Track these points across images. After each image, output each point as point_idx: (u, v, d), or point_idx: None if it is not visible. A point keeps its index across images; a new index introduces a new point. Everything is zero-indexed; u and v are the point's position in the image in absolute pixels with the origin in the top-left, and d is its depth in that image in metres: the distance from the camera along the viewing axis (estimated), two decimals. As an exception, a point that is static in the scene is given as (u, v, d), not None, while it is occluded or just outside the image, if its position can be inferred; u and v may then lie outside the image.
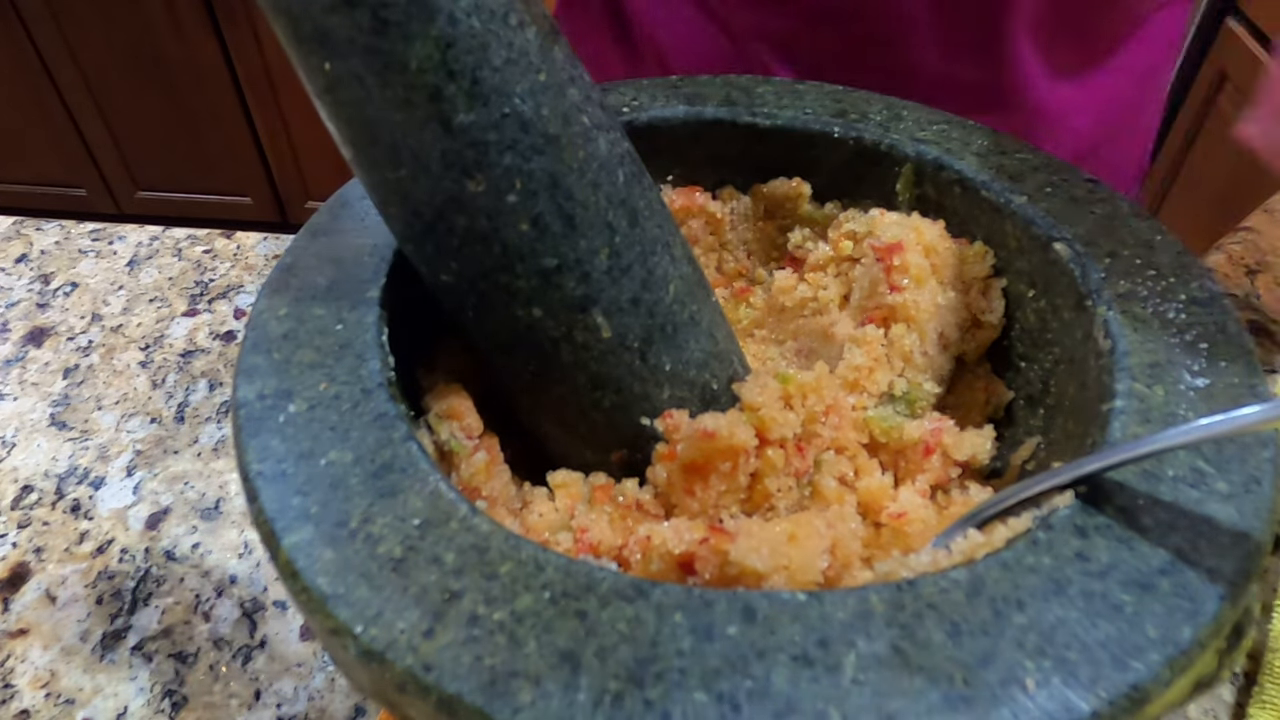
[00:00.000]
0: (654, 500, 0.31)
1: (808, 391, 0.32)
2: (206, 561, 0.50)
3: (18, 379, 0.60)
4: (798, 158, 0.39)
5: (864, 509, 0.32)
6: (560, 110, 0.27)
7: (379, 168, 0.28)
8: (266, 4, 0.25)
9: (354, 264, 0.31)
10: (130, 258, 0.69)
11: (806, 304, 0.38)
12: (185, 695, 0.44)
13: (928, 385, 0.34)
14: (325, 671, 0.45)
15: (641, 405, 0.32)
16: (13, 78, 1.88)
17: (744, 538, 0.26)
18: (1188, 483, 0.24)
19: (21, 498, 0.53)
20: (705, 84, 0.40)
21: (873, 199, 0.38)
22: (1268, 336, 0.60)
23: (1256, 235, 0.68)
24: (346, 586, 0.22)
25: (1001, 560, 0.23)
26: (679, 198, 0.40)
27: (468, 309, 0.30)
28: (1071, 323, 0.32)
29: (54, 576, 0.49)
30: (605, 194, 0.29)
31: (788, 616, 0.21)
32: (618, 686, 0.20)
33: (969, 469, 0.33)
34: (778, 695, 0.20)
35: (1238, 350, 0.28)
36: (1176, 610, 0.21)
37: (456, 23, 0.25)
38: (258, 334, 0.29)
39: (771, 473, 0.31)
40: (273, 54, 1.80)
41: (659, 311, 0.31)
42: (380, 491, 0.25)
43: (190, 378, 0.60)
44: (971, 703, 0.20)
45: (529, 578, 0.22)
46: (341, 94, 0.26)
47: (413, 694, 0.21)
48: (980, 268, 0.35)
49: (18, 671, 0.45)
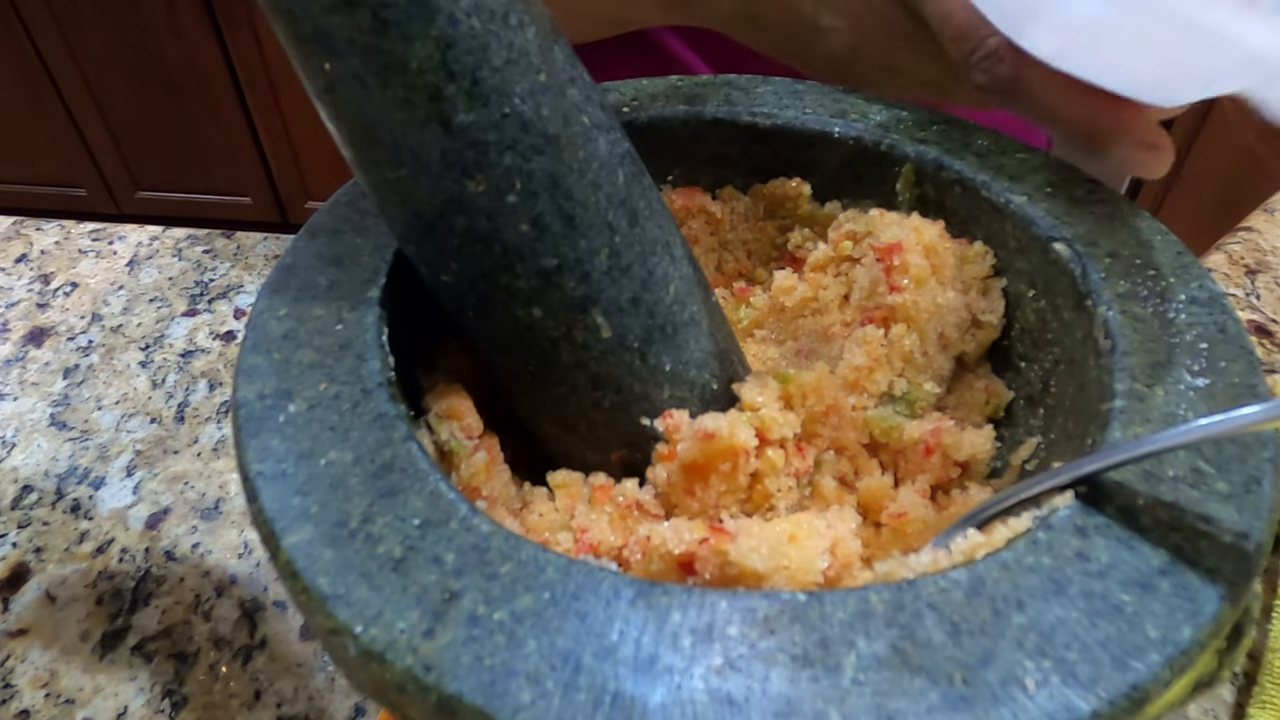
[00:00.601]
0: (654, 500, 0.31)
1: (808, 391, 0.32)
2: (206, 561, 0.50)
3: (18, 379, 0.60)
4: (798, 158, 0.39)
5: (864, 509, 0.32)
6: (560, 110, 0.27)
7: (379, 168, 0.28)
8: (266, 4, 0.25)
9: (354, 264, 0.31)
10: (130, 258, 0.69)
11: (806, 304, 0.38)
12: (185, 695, 0.44)
13: (928, 385, 0.34)
14: (325, 671, 0.45)
15: (641, 405, 0.32)
16: (13, 78, 1.88)
17: (744, 538, 0.26)
18: (1188, 483, 0.24)
19: (21, 498, 0.53)
20: (705, 84, 0.40)
21: (873, 199, 0.38)
22: (1268, 336, 0.60)
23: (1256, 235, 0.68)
24: (346, 586, 0.22)
25: (1001, 560, 0.23)
26: (679, 198, 0.40)
27: (468, 309, 0.30)
28: (1071, 323, 0.32)
29: (54, 576, 0.49)
30: (605, 194, 0.29)
31: (788, 616, 0.21)
32: (618, 687, 0.20)
33: (969, 469, 0.33)
34: (778, 695, 0.20)
35: (1238, 350, 0.28)
36: (1176, 610, 0.21)
37: (456, 23, 0.25)
38: (258, 334, 0.29)
39: (771, 473, 0.31)
40: (273, 54, 1.80)
41: (659, 311, 0.31)
42: (380, 491, 0.25)
43: (190, 378, 0.60)
44: (971, 703, 0.20)
45: (529, 578, 0.22)
46: (341, 94, 0.26)
47: (413, 694, 0.21)
48: (980, 268, 0.35)
49: (18, 671, 0.45)
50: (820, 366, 0.33)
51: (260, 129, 1.94)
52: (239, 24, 1.76)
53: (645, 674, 0.20)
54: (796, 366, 0.37)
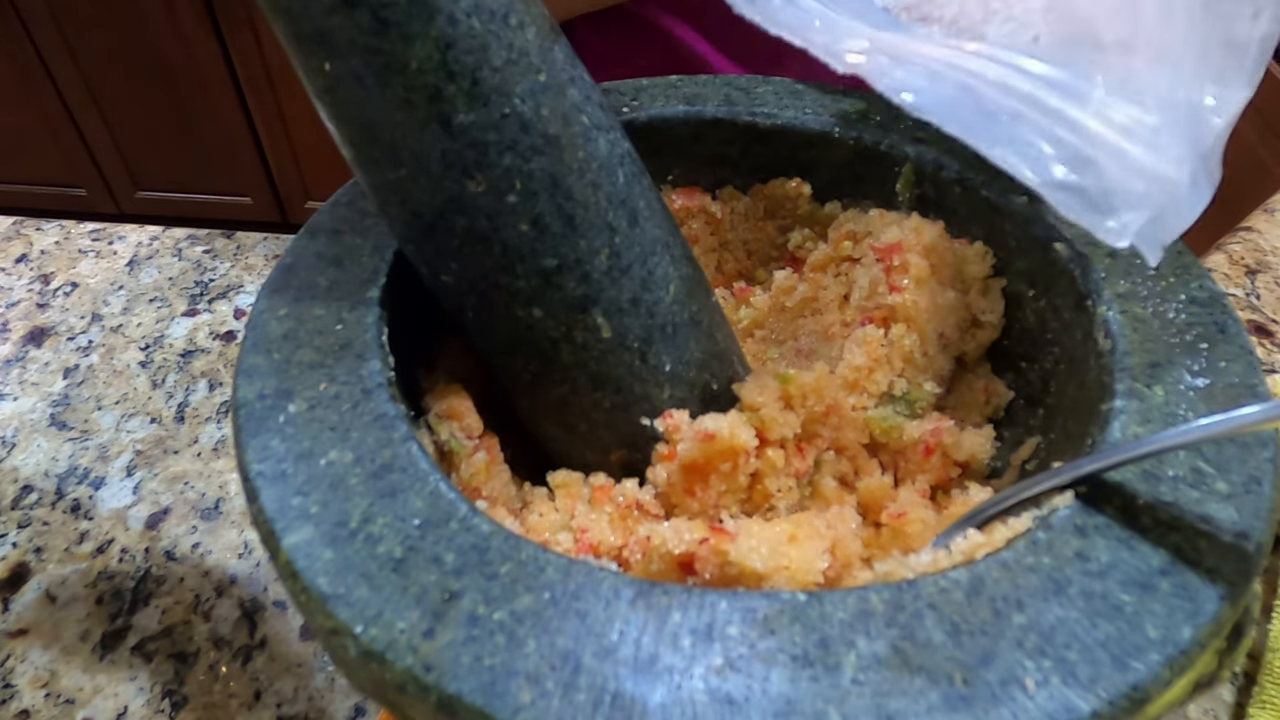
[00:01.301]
0: (654, 500, 0.31)
1: (808, 392, 0.32)
2: (206, 561, 0.50)
3: (18, 379, 0.60)
4: (798, 158, 0.39)
5: (864, 509, 0.32)
6: (560, 110, 0.27)
7: (379, 168, 0.28)
8: (266, 4, 0.25)
9: (354, 264, 0.31)
10: (130, 258, 0.69)
11: (807, 304, 0.38)
12: (185, 695, 0.44)
13: (928, 385, 0.34)
14: (325, 671, 0.45)
15: (641, 405, 0.32)
16: (13, 78, 1.88)
17: (744, 538, 0.26)
18: (1188, 483, 0.24)
19: (21, 498, 0.53)
20: (705, 84, 0.40)
21: (873, 199, 0.38)
22: (1268, 336, 0.60)
23: (1256, 235, 0.68)
24: (346, 586, 0.22)
25: (1001, 560, 0.23)
26: (679, 198, 0.40)
27: (468, 309, 0.30)
28: (1071, 323, 0.32)
29: (54, 576, 0.49)
30: (605, 194, 0.29)
31: (788, 616, 0.21)
32: (618, 687, 0.20)
33: (969, 469, 0.33)
34: (778, 695, 0.20)
35: (1238, 350, 0.28)
36: (1176, 610, 0.21)
37: (456, 23, 0.25)
38: (258, 334, 0.29)
39: (771, 473, 0.31)
40: (273, 54, 1.80)
41: (659, 312, 0.31)
42: (380, 491, 0.25)
43: (190, 378, 0.60)
44: (971, 703, 0.20)
45: (529, 578, 0.22)
46: (341, 94, 0.26)
47: (413, 694, 0.21)
48: (980, 268, 0.35)
49: (18, 671, 0.45)
50: (820, 366, 0.33)
51: (260, 129, 1.94)
52: (239, 24, 1.76)
53: (645, 674, 0.20)
54: (796, 366, 0.37)
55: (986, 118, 0.25)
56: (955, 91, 0.26)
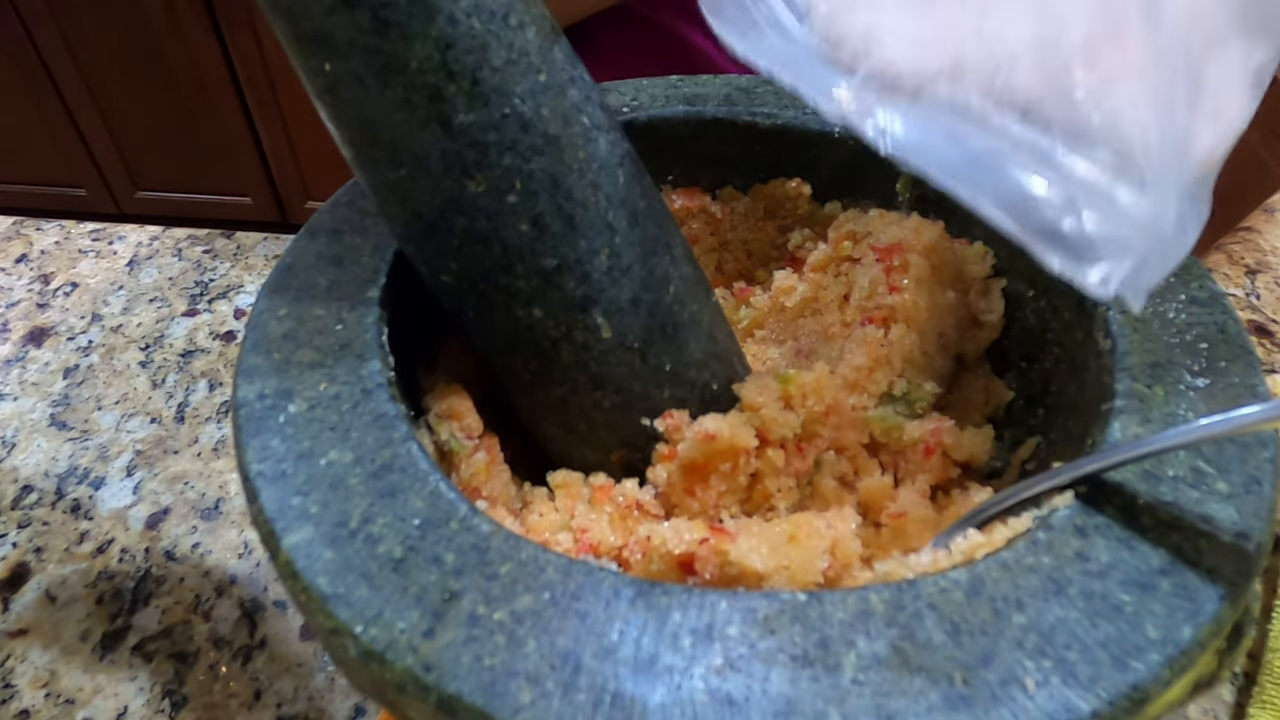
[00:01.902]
0: (654, 500, 0.31)
1: (808, 392, 0.32)
2: (206, 561, 0.50)
3: (18, 379, 0.60)
4: (798, 158, 0.39)
5: (864, 509, 0.32)
6: (560, 110, 0.27)
7: (379, 168, 0.28)
8: (266, 4, 0.25)
9: (354, 264, 0.31)
10: (130, 258, 0.69)
11: (807, 304, 0.38)
12: (185, 695, 0.44)
13: (928, 385, 0.34)
14: (325, 671, 0.45)
15: (641, 405, 0.32)
16: (13, 77, 1.88)
17: (744, 538, 0.26)
18: (1188, 483, 0.24)
19: (21, 498, 0.53)
20: (705, 84, 0.40)
21: (873, 199, 0.38)
22: (1268, 336, 0.60)
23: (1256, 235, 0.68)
24: (346, 586, 0.22)
25: (1001, 560, 0.23)
26: (679, 198, 0.40)
27: (468, 309, 0.30)
28: (1071, 323, 0.32)
29: (54, 576, 0.49)
30: (605, 194, 0.29)
31: (788, 616, 0.21)
32: (618, 687, 0.20)
33: (969, 469, 0.33)
34: (778, 695, 0.20)
35: (1238, 350, 0.28)
36: (1176, 610, 0.21)
37: (456, 23, 0.25)
38: (258, 334, 0.29)
39: (771, 473, 0.31)
40: (273, 54, 1.80)
41: (659, 311, 0.31)
42: (380, 491, 0.25)
43: (190, 378, 0.60)
44: (971, 703, 0.20)
45: (529, 578, 0.22)
46: (341, 94, 0.26)
47: (413, 694, 0.21)
48: (980, 268, 0.35)
49: (18, 671, 0.45)
50: (820, 366, 0.33)
51: (260, 129, 1.94)
52: (239, 24, 1.76)
53: (645, 674, 0.20)
54: (796, 366, 0.37)
55: (971, 163, 0.25)
56: (940, 138, 0.26)
